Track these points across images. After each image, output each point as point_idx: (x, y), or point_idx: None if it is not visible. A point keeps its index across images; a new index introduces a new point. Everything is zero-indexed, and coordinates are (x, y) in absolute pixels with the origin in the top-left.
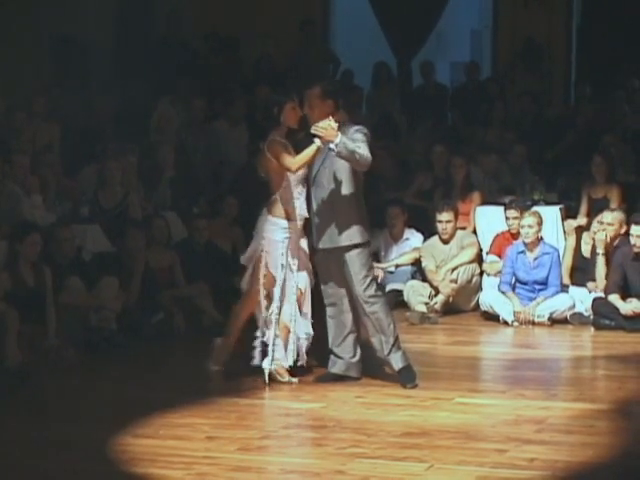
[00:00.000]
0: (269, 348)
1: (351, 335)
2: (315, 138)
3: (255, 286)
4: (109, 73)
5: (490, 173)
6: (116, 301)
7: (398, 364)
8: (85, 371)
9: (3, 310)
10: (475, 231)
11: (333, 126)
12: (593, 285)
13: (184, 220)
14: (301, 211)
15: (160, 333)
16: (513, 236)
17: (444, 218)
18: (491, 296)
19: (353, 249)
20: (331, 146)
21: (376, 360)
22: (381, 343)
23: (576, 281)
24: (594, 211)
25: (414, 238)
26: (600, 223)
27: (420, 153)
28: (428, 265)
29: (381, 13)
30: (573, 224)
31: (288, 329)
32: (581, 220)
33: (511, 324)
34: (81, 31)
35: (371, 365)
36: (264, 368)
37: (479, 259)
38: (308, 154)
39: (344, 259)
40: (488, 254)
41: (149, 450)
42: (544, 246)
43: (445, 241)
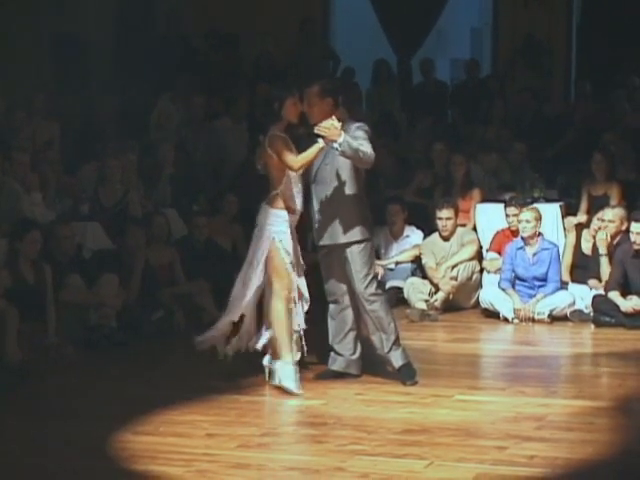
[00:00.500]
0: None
1: (351, 332)
2: (318, 138)
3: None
4: (109, 71)
5: (490, 171)
6: (116, 299)
7: (398, 362)
8: (85, 369)
9: (3, 308)
10: (475, 228)
11: (336, 125)
12: (594, 282)
13: (184, 218)
14: (299, 207)
15: (160, 330)
16: (513, 233)
17: (444, 215)
18: (491, 293)
19: (354, 246)
20: (335, 145)
21: (376, 358)
22: (381, 341)
23: (576, 278)
24: (594, 208)
25: (414, 235)
26: (601, 220)
27: (420, 151)
28: (428, 262)
29: (381, 11)
30: (573, 221)
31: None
32: (581, 217)
33: (511, 321)
34: (81, 30)
35: (371, 362)
36: (264, 365)
37: (479, 256)
38: (311, 153)
39: (345, 256)
40: (488, 251)
41: (149, 447)
42: (543, 242)
43: (445, 238)
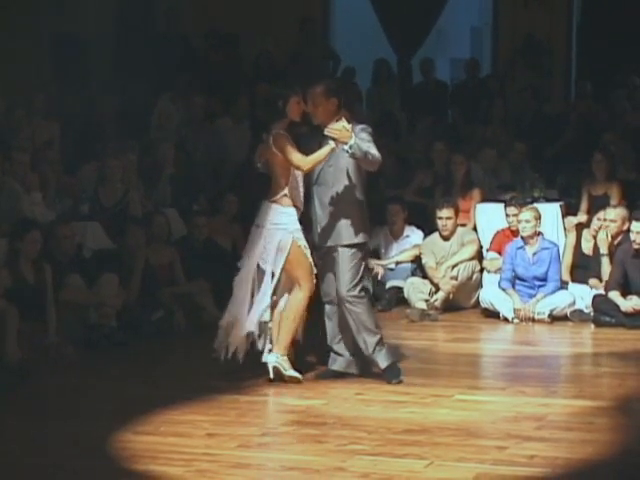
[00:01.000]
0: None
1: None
2: (330, 140)
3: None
4: (109, 71)
5: (489, 169)
6: (116, 298)
7: (383, 362)
8: (85, 368)
9: (3, 308)
10: (475, 228)
11: (347, 128)
12: (595, 282)
13: (184, 217)
14: (302, 206)
15: (160, 330)
16: (513, 233)
17: (444, 215)
18: (491, 293)
19: (346, 249)
20: (345, 148)
21: (364, 359)
22: (365, 342)
23: (576, 278)
24: (594, 208)
25: (414, 235)
26: (603, 220)
27: (420, 150)
28: (428, 262)
29: (381, 10)
30: (573, 221)
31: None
32: (581, 217)
33: (511, 321)
34: (81, 30)
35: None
36: (268, 363)
37: (479, 256)
38: (322, 155)
39: (335, 256)
40: (488, 251)
41: (149, 447)
42: (543, 241)
43: (445, 238)
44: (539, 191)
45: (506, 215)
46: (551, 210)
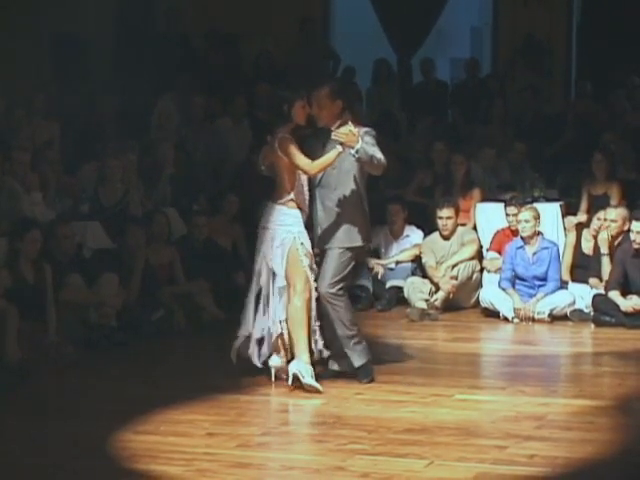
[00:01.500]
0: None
1: None
2: (336, 144)
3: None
4: (109, 71)
5: (488, 168)
6: (116, 298)
7: (357, 361)
8: (85, 368)
9: (3, 307)
10: (475, 228)
11: (354, 132)
12: (595, 281)
13: (184, 217)
14: (306, 208)
15: (160, 330)
16: (513, 233)
17: (444, 215)
18: (491, 293)
19: (337, 249)
20: (352, 152)
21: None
22: (340, 339)
23: (576, 278)
24: (594, 208)
25: (414, 235)
26: (603, 220)
27: (420, 150)
28: (428, 261)
29: (381, 10)
30: (573, 221)
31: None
32: (581, 217)
33: (511, 321)
34: (81, 30)
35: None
36: (271, 366)
37: (479, 256)
38: (329, 159)
39: (326, 253)
40: (488, 251)
41: (150, 447)
42: (543, 241)
43: (445, 237)
44: (539, 191)
45: (506, 215)
46: (551, 210)
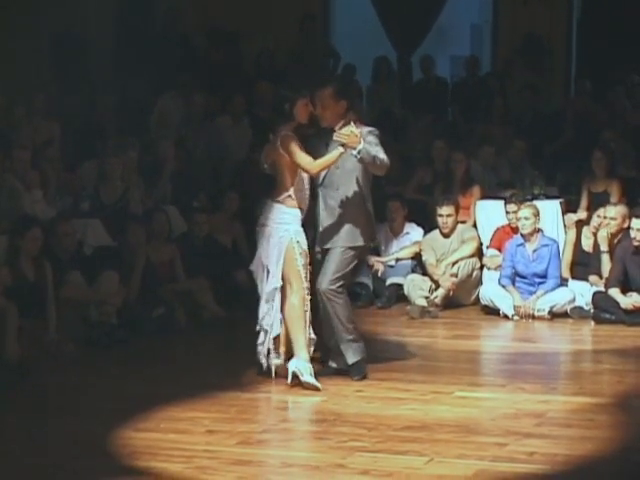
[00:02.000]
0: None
1: None
2: (339, 145)
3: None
4: (109, 70)
5: (488, 166)
6: (117, 296)
7: (350, 358)
8: (85, 366)
9: (3, 305)
10: (475, 225)
11: (356, 133)
12: (595, 279)
13: (184, 215)
14: (306, 207)
15: (161, 327)
16: (513, 230)
17: (445, 212)
18: (491, 290)
19: (339, 248)
20: (354, 152)
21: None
22: (336, 335)
23: (576, 275)
24: (594, 205)
25: (414, 232)
26: (603, 217)
27: (420, 148)
28: (428, 259)
29: (381, 8)
30: (573, 218)
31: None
32: (581, 214)
33: (511, 318)
34: (81, 29)
35: (370, 359)
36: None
37: (479, 253)
38: (331, 158)
39: (329, 252)
40: (488, 248)
41: (150, 444)
42: (543, 238)
43: (446, 235)
44: (539, 188)
45: (506, 212)
46: (551, 207)
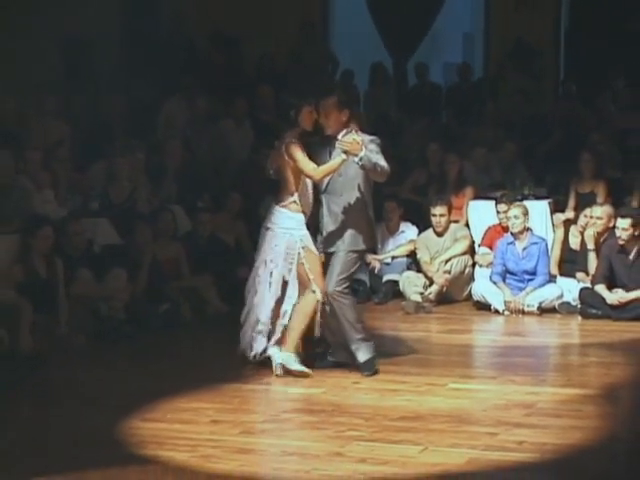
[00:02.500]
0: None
1: None
2: (341, 152)
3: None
4: (116, 73)
5: (480, 167)
6: (124, 292)
7: (361, 357)
8: (95, 359)
9: (17, 301)
10: (468, 224)
11: (358, 140)
12: (582, 276)
13: (189, 214)
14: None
15: (166, 322)
16: (504, 229)
17: (438, 212)
18: (483, 286)
19: (343, 252)
20: (356, 159)
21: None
22: (346, 335)
23: (564, 272)
24: (581, 205)
25: (409, 231)
26: (590, 217)
27: (415, 150)
28: (423, 257)
29: (378, 16)
30: (561, 217)
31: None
32: (569, 214)
33: (502, 313)
34: (90, 33)
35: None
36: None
37: (471, 251)
38: (333, 165)
39: (332, 257)
40: (480, 246)
41: (157, 433)
42: (532, 237)
43: (439, 234)
44: (529, 189)
45: (497, 212)
46: (540, 207)
